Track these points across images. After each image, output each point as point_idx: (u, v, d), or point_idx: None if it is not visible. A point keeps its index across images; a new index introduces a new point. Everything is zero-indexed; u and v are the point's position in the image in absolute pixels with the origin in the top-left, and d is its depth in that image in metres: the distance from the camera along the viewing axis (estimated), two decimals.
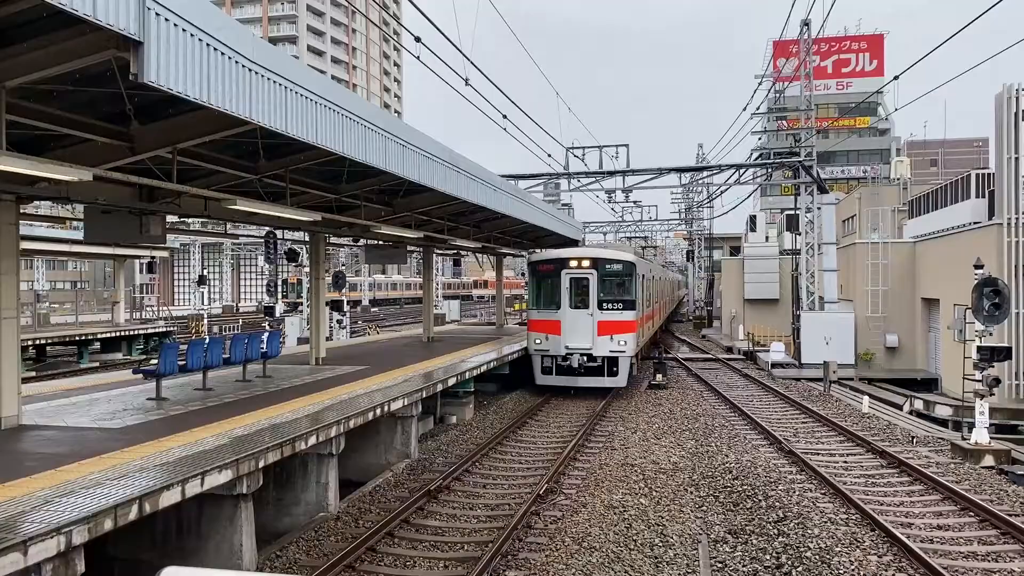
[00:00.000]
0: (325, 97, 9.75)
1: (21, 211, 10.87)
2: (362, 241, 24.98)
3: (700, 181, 45.53)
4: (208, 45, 7.29)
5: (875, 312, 32.39)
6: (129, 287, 48.02)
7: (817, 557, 9.36)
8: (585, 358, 21.43)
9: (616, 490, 12.33)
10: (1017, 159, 23.16)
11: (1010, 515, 11.00)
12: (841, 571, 8.98)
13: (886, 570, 9.11)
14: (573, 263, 21.93)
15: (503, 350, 23.21)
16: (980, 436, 15.36)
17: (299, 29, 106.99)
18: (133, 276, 48.96)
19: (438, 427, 18.16)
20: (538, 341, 21.89)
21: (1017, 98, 23.07)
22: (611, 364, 21.55)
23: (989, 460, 14.83)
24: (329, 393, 14.03)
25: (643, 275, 23.94)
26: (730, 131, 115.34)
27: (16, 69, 7.56)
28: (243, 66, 7.90)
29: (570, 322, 21.55)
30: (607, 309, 21.49)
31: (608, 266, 21.89)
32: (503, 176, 21.80)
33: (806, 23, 32.88)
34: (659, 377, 25.03)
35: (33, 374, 27.14)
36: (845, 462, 14.77)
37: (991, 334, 16.04)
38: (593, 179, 32.69)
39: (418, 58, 14.12)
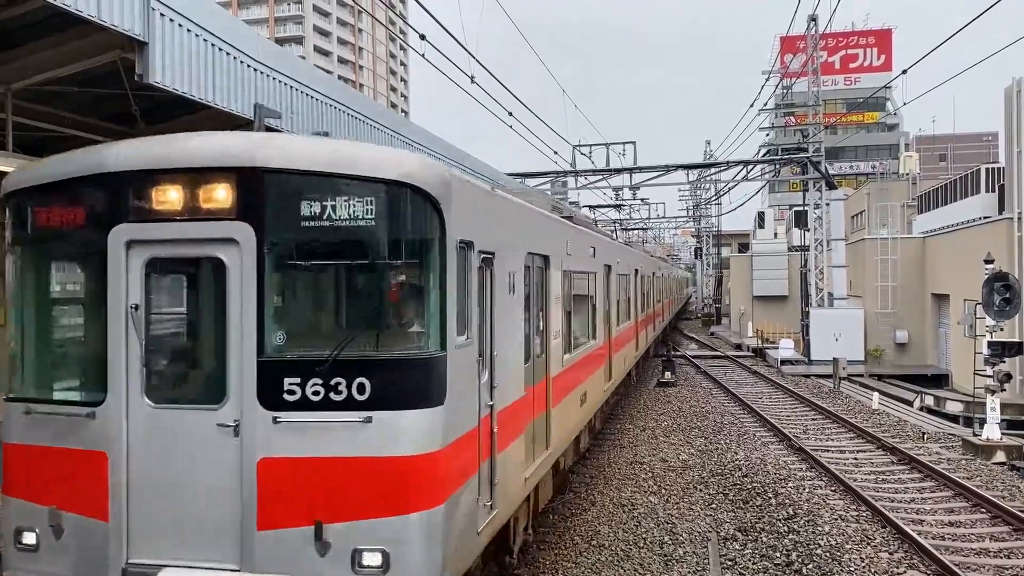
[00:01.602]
0: (331, 96, 9.76)
1: None
2: None
3: (708, 178, 45.40)
4: (213, 45, 7.30)
5: (884, 308, 32.26)
6: None
7: (827, 554, 9.31)
8: None
9: (625, 488, 12.29)
10: None
11: (1022, 511, 10.93)
12: (852, 568, 8.93)
13: (897, 567, 9.06)
14: (164, 193, 5.03)
15: None
16: (991, 432, 15.27)
17: (305, 29, 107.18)
18: None
19: None
20: None
21: None
22: None
23: (1000, 456, 14.75)
24: None
25: (520, 254, 7.16)
26: (737, 127, 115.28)
27: (22, 71, 7.60)
28: (248, 66, 7.92)
29: (147, 462, 4.92)
30: (322, 402, 4.72)
31: (311, 202, 4.75)
32: (510, 175, 21.79)
33: (813, 18, 32.79)
34: (668, 375, 24.97)
35: None
36: (855, 459, 14.70)
37: (1002, 329, 15.97)
38: (600, 176, 32.66)
39: (423, 56, 14.08)
